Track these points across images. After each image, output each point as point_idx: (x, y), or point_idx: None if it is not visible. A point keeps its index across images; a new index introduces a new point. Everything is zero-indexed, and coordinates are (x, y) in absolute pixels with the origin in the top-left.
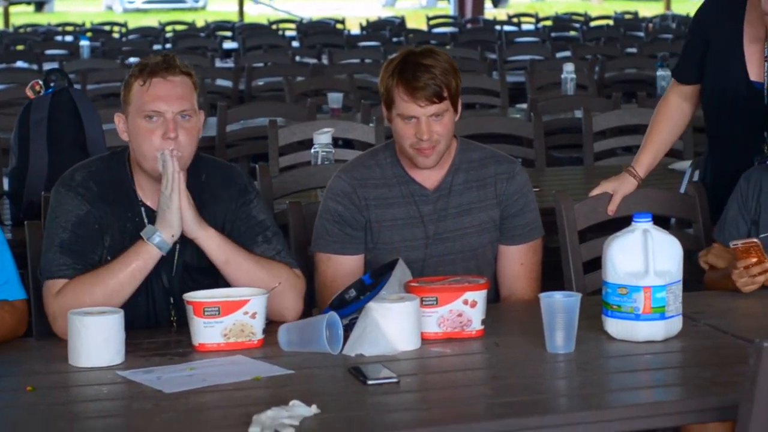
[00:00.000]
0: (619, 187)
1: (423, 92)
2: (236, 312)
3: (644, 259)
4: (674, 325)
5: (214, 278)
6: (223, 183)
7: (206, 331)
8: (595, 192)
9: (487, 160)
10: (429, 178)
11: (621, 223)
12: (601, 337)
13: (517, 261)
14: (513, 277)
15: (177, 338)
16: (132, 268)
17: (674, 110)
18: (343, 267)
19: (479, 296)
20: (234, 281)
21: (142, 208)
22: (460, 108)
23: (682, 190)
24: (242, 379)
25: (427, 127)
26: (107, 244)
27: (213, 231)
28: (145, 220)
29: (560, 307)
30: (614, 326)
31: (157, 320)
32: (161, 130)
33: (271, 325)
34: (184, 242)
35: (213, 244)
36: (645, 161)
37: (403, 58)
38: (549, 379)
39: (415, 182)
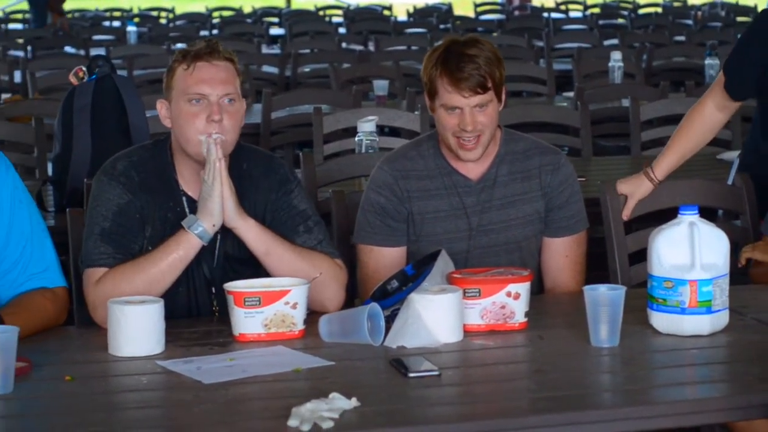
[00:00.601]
0: (634, 191)
1: (467, 83)
2: (277, 302)
3: (690, 252)
4: (721, 319)
5: (255, 269)
6: (264, 172)
7: (247, 321)
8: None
9: (531, 151)
10: (473, 169)
11: (669, 214)
12: (646, 331)
13: (562, 253)
14: (557, 269)
15: (218, 328)
16: (173, 258)
17: (708, 119)
18: (385, 259)
19: (523, 288)
20: (274, 272)
21: (184, 198)
22: (504, 98)
23: (729, 181)
24: (282, 370)
25: (471, 118)
26: (148, 234)
27: (253, 221)
28: (187, 210)
29: (604, 300)
30: (660, 320)
31: (198, 311)
32: (205, 113)
33: (313, 315)
34: (225, 232)
35: (252, 234)
36: (665, 165)
37: (447, 47)
38: (593, 374)
39: (459, 173)
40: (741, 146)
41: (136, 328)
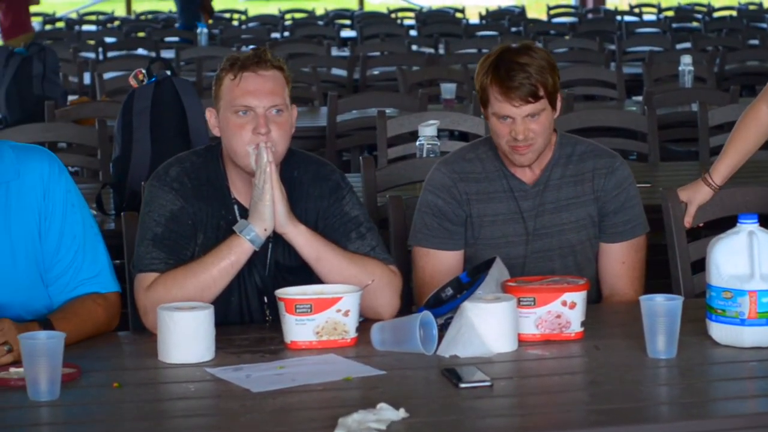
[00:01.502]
0: (693, 197)
1: (517, 92)
2: (329, 309)
3: (750, 261)
4: None
5: (307, 277)
6: (315, 180)
7: (298, 329)
8: None
9: (586, 155)
10: (527, 173)
11: (731, 222)
12: (705, 342)
13: (619, 259)
14: (614, 276)
15: (270, 335)
16: (225, 264)
17: (763, 120)
18: (441, 263)
19: (579, 297)
20: (326, 278)
21: (236, 206)
22: (560, 104)
23: None
24: (332, 379)
25: (522, 127)
26: (200, 241)
27: (303, 227)
28: (238, 218)
29: (661, 310)
30: (718, 331)
31: (252, 319)
32: (252, 125)
33: (367, 323)
34: (277, 240)
35: (303, 239)
36: (723, 170)
37: (498, 55)
38: (649, 386)
39: (515, 177)
40: None
41: (185, 334)
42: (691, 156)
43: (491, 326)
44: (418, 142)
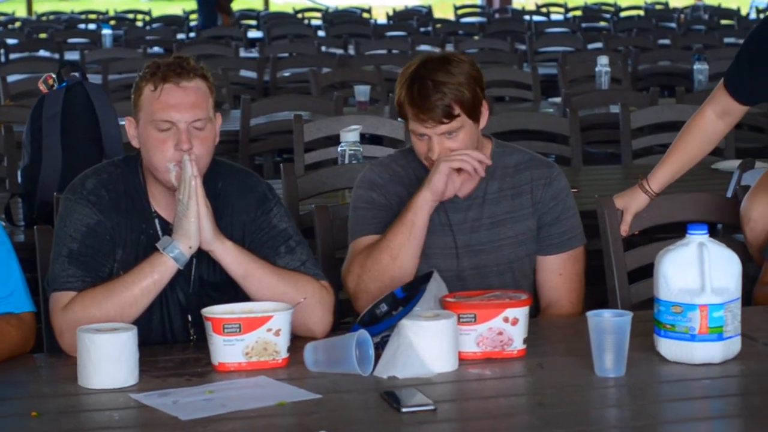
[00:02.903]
0: (629, 204)
1: (430, 113)
2: (259, 329)
3: (700, 274)
4: (733, 346)
5: (233, 295)
6: (241, 191)
7: (226, 350)
8: None
9: (523, 166)
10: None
11: (669, 227)
12: (652, 359)
13: (555, 271)
14: (551, 288)
15: (195, 356)
16: (147, 282)
17: (709, 128)
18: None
19: (521, 313)
20: (255, 296)
21: (156, 220)
22: (485, 114)
23: (729, 194)
24: (265, 404)
25: (438, 146)
26: (119, 257)
27: (230, 243)
28: (159, 233)
29: (610, 327)
30: (668, 347)
31: (174, 338)
32: (173, 141)
33: (298, 341)
34: (201, 255)
35: (230, 256)
36: (662, 178)
37: (415, 70)
38: (599, 408)
39: None
40: (734, 155)
41: (107, 358)
42: (610, 159)
43: (431, 345)
44: (339, 148)
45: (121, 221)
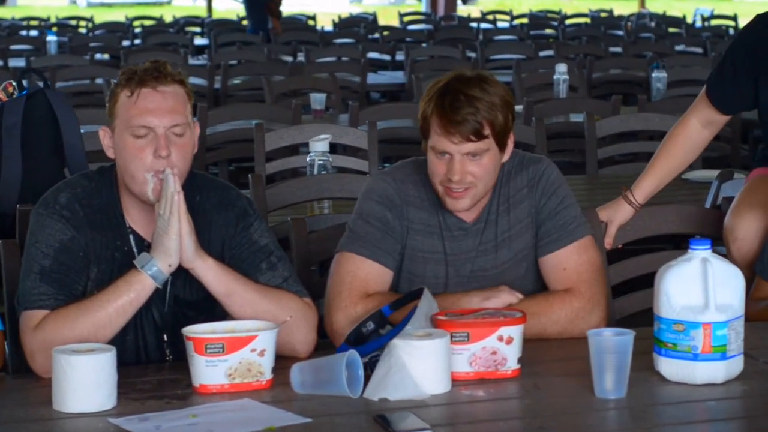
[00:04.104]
0: (614, 216)
1: (459, 127)
2: (242, 349)
3: (704, 291)
4: (736, 365)
5: (209, 313)
6: (220, 206)
7: (208, 371)
8: None
9: (513, 170)
10: (467, 213)
11: (651, 241)
12: (652, 379)
13: (559, 267)
14: (557, 284)
15: (173, 376)
16: (122, 301)
17: (693, 137)
18: (376, 275)
19: (516, 331)
20: (237, 315)
21: (131, 236)
22: (510, 147)
23: (707, 204)
24: (253, 429)
25: (460, 167)
26: (93, 275)
27: (212, 260)
28: (135, 250)
29: (611, 346)
30: (669, 367)
31: (148, 358)
32: (152, 148)
33: (281, 361)
34: (176, 273)
35: (212, 275)
36: (647, 188)
37: (447, 82)
38: None
39: (453, 215)
40: (701, 165)
41: (85, 380)
42: (572, 168)
43: (424, 366)
44: (308, 158)
45: (96, 237)
